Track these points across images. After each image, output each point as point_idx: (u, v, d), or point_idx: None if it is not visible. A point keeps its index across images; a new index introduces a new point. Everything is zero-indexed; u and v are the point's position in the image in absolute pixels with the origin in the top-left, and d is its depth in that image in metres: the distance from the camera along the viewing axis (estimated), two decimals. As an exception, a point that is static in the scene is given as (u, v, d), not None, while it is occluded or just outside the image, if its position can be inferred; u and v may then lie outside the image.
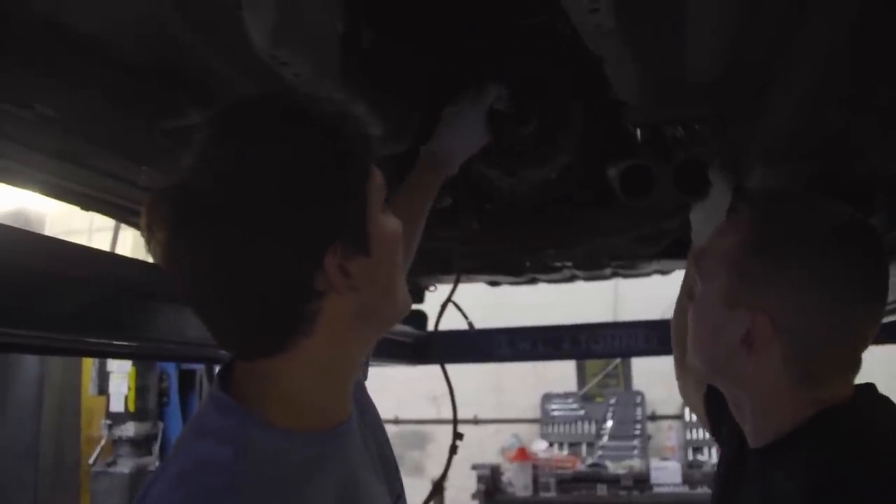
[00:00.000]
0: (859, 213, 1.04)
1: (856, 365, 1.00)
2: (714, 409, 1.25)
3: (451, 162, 1.40)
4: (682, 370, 1.47)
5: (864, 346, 1.00)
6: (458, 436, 1.84)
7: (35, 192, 1.55)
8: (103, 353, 3.52)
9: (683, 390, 1.49)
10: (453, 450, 1.85)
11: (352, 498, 0.83)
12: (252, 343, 0.79)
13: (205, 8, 0.97)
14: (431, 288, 2.67)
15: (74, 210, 1.74)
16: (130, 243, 4.69)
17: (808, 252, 0.97)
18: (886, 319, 2.02)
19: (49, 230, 5.27)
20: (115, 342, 1.75)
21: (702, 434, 6.32)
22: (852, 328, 0.98)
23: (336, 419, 0.84)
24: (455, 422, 1.88)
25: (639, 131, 1.57)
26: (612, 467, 5.91)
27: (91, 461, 4.94)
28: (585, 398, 6.86)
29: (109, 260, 1.66)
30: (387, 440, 1.02)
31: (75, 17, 0.96)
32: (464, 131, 1.39)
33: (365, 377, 1.08)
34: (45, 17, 0.95)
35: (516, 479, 5.78)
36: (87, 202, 1.65)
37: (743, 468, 1.08)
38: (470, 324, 2.31)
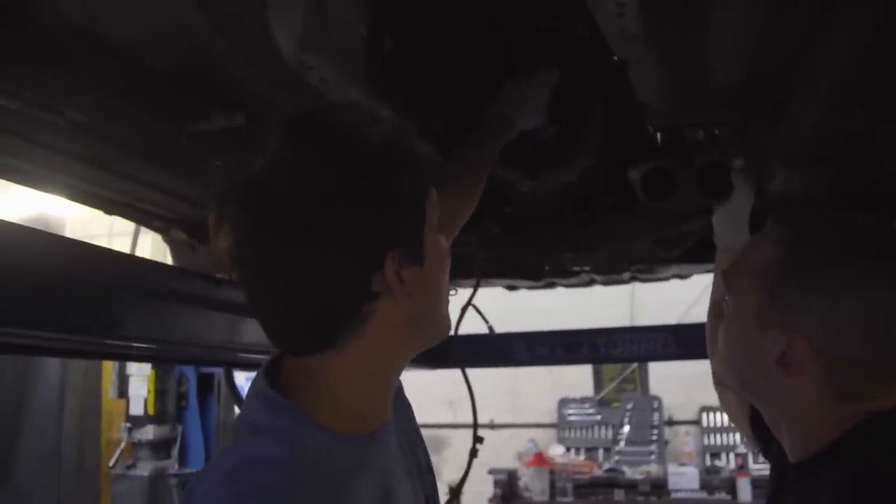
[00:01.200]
0: (889, 227, 1.03)
1: None
2: (761, 428, 1.21)
3: (516, 124, 1.42)
4: (721, 385, 1.45)
5: None
6: (478, 439, 1.84)
7: (60, 196, 1.57)
8: (124, 356, 3.54)
9: (725, 405, 1.46)
10: (473, 453, 1.85)
11: (390, 498, 0.85)
12: (306, 338, 0.82)
13: (232, 14, 0.98)
14: (452, 292, 2.67)
15: (95, 215, 1.76)
16: (150, 248, 4.72)
17: (844, 272, 0.95)
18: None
19: (69, 235, 5.32)
20: (135, 345, 1.77)
21: (719, 439, 6.29)
22: (894, 342, 0.95)
23: (376, 423, 0.86)
24: (475, 426, 1.88)
25: (659, 134, 1.57)
26: (630, 472, 5.88)
27: (111, 464, 4.98)
28: (602, 403, 6.83)
29: (130, 263, 1.68)
30: (421, 440, 1.03)
31: (105, 23, 0.98)
32: (532, 97, 1.42)
33: None
34: (77, 24, 0.96)
35: (533, 484, 5.77)
36: (111, 206, 1.67)
37: (786, 483, 1.06)
38: (490, 328, 2.30)
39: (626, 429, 6.57)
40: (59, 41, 0.97)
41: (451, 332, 2.07)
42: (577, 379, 6.79)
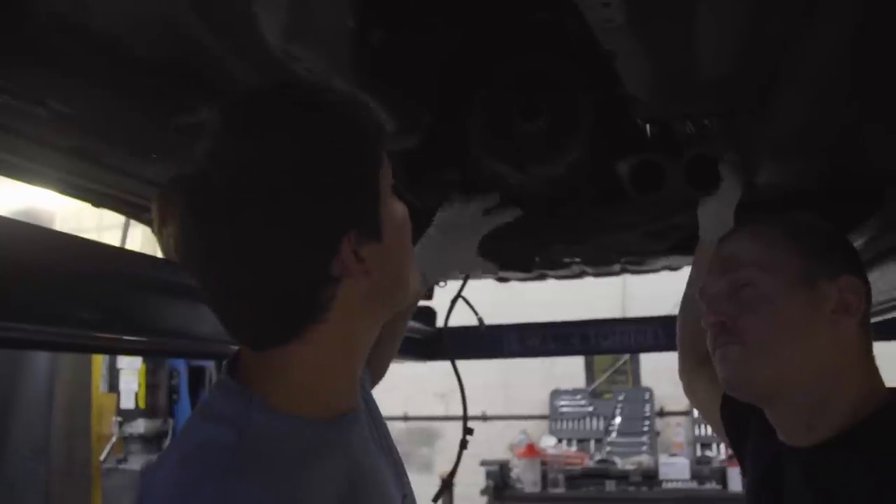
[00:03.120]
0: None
1: None
2: (734, 423, 1.23)
3: (433, 282, 1.47)
4: (688, 376, 1.45)
5: None
6: (468, 431, 1.84)
7: (47, 189, 1.56)
8: (114, 350, 3.53)
9: (691, 394, 1.46)
10: (463, 445, 1.85)
11: (359, 484, 0.82)
12: (267, 332, 0.79)
13: (218, 4, 0.98)
14: (441, 284, 2.67)
15: (83, 208, 1.75)
16: (140, 241, 4.70)
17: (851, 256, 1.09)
18: (887, 316, 2.03)
19: (58, 228, 5.30)
20: (125, 338, 1.76)
21: (710, 430, 6.31)
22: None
23: (342, 408, 0.85)
24: (465, 418, 1.88)
25: (648, 126, 1.57)
26: (621, 463, 5.91)
27: (102, 458, 4.96)
28: (594, 394, 6.86)
29: (119, 255, 1.67)
30: (391, 440, 1.01)
31: (90, 14, 0.97)
32: (452, 249, 1.48)
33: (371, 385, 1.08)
34: (60, 14, 0.95)
35: (525, 476, 5.79)
36: (99, 199, 1.66)
37: (781, 473, 1.05)
38: (480, 320, 2.31)
39: (618, 420, 6.61)
40: (43, 32, 0.96)
41: (441, 325, 2.08)
42: (569, 371, 6.81)
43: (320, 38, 1.01)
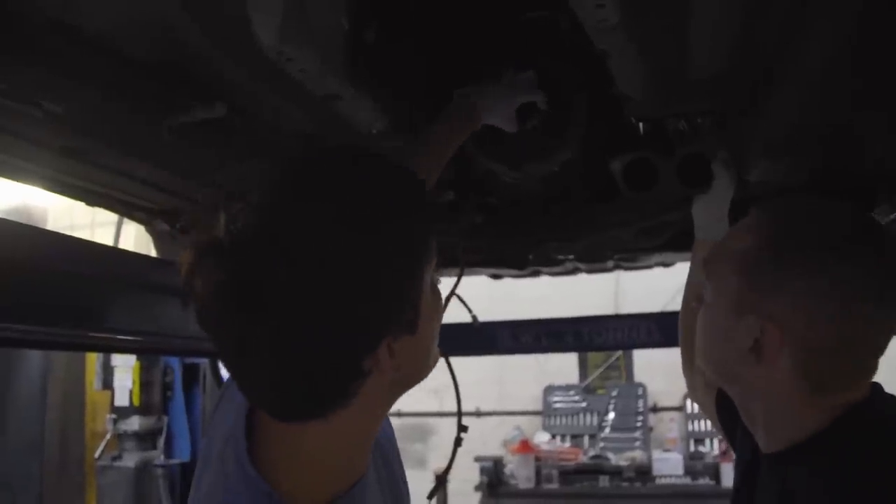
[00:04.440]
0: (871, 216, 1.03)
1: (872, 371, 0.98)
2: (727, 414, 1.23)
3: (483, 117, 1.38)
4: (690, 371, 1.45)
5: (881, 352, 0.97)
6: (462, 428, 1.85)
7: (40, 187, 1.56)
8: (108, 348, 3.52)
9: (692, 392, 1.48)
10: (458, 442, 1.86)
11: None
12: (290, 411, 0.76)
13: (211, 6, 0.98)
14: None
15: (77, 205, 1.74)
16: (133, 238, 4.69)
17: (821, 260, 0.94)
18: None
19: (51, 225, 5.28)
20: (119, 337, 1.76)
21: (703, 425, 6.33)
22: (868, 336, 0.95)
23: (355, 477, 0.83)
24: (459, 414, 1.89)
25: (641, 125, 1.57)
26: (615, 459, 5.92)
27: (96, 455, 4.95)
28: (587, 390, 6.87)
29: (113, 254, 1.67)
30: (396, 455, 1.01)
31: (83, 16, 0.97)
32: (505, 98, 1.39)
33: None
34: (54, 16, 0.95)
35: (519, 472, 5.80)
36: (92, 197, 1.66)
37: (756, 473, 1.06)
38: (474, 317, 2.32)
39: (611, 416, 6.61)
40: (36, 33, 0.96)
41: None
42: (563, 366, 6.81)
43: (314, 40, 1.01)
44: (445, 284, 1.97)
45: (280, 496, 0.75)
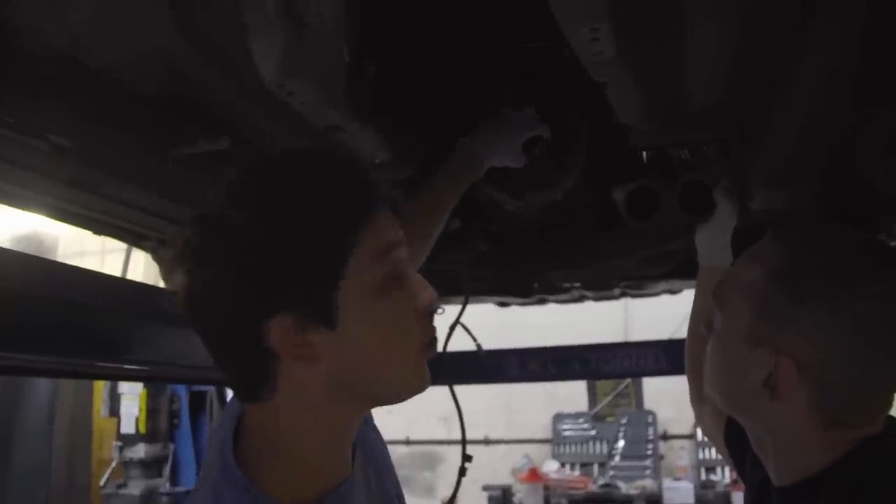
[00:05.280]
0: (887, 246, 1.00)
1: (889, 405, 0.95)
2: (735, 444, 1.20)
3: (486, 162, 1.40)
4: (697, 401, 1.44)
5: None
6: (466, 458, 1.84)
7: (49, 217, 1.58)
8: (115, 376, 3.54)
9: (700, 420, 1.45)
10: (462, 472, 1.85)
11: None
12: (233, 382, 0.83)
13: (214, 41, 0.99)
14: (440, 310, 2.67)
15: (86, 232, 1.77)
16: (143, 264, 4.72)
17: (839, 291, 0.91)
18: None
19: (62, 251, 5.33)
20: (126, 365, 1.77)
21: (714, 454, 6.28)
22: (886, 371, 0.93)
23: (338, 479, 0.84)
24: (464, 443, 1.88)
25: (644, 153, 1.58)
26: (625, 487, 5.88)
27: (102, 483, 4.95)
28: (597, 418, 6.83)
29: (121, 285, 1.68)
30: (390, 471, 1.02)
31: (89, 51, 0.99)
32: (506, 137, 1.41)
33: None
34: (61, 52, 0.97)
35: (528, 501, 5.76)
36: (99, 227, 1.68)
37: None
38: (478, 346, 2.31)
39: (621, 444, 6.57)
40: (42, 68, 0.98)
41: (440, 350, 2.09)
42: (572, 394, 6.79)
43: (316, 73, 1.02)
44: (450, 313, 1.97)
45: (262, 492, 0.77)
